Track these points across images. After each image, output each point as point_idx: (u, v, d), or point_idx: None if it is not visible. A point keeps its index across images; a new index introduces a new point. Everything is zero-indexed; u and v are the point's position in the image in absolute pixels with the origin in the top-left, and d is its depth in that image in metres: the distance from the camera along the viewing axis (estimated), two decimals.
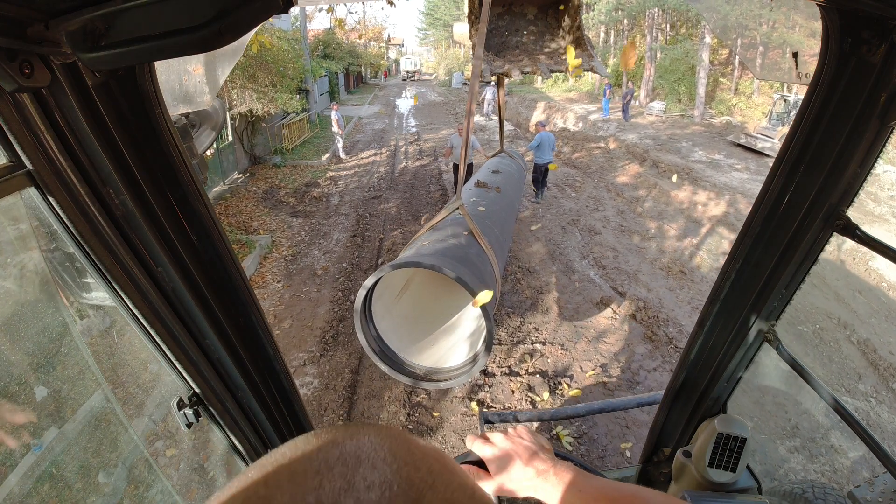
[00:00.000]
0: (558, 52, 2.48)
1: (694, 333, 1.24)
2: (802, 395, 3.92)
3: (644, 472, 1.56)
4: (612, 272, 7.05)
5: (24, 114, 0.61)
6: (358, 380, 4.89)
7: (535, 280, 6.79)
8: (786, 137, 0.90)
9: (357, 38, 34.20)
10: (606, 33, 26.85)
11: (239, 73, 9.97)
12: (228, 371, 1.07)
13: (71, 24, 0.54)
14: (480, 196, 3.21)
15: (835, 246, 7.29)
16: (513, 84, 30.21)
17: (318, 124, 17.97)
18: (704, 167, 11.79)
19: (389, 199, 10.46)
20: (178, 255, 0.87)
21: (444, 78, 43.65)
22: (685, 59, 19.56)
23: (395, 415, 4.41)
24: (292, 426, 1.30)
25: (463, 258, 1.95)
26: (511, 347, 5.30)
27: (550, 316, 5.91)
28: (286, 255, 7.83)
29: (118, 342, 2.80)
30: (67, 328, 2.27)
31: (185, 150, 0.80)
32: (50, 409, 2.42)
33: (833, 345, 5.37)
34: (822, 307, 6.07)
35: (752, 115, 17.48)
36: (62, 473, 2.13)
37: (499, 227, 2.90)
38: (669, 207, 9.73)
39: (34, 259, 1.82)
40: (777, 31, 0.99)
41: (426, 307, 2.60)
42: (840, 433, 3.86)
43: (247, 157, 12.70)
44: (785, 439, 3.65)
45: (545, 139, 9.12)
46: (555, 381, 4.76)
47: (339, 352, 5.33)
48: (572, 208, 9.69)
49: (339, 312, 6.11)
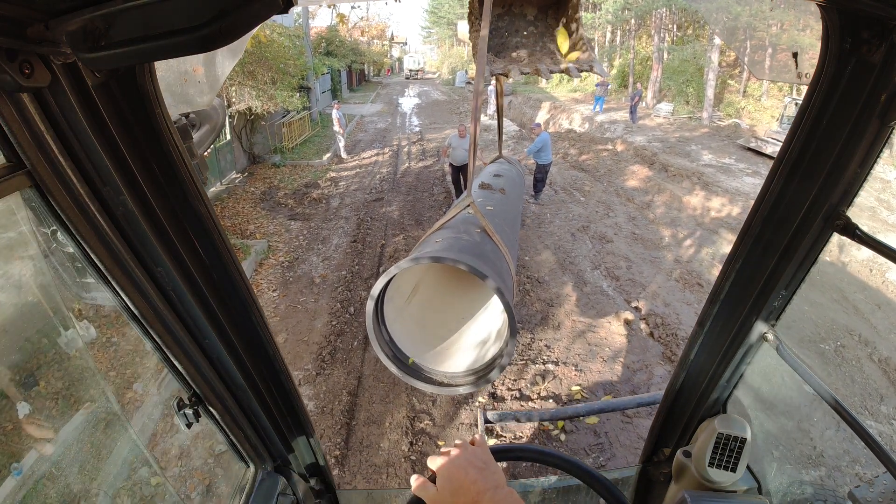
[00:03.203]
0: (558, 52, 2.48)
1: (694, 333, 1.24)
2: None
3: (644, 472, 1.56)
4: (626, 284, 6.70)
5: (24, 114, 0.61)
6: (357, 403, 4.59)
7: (544, 292, 6.48)
8: (786, 137, 0.90)
9: (360, 35, 34.17)
10: (613, 33, 26.61)
11: (237, 70, 9.84)
12: (228, 371, 1.07)
13: (71, 24, 0.54)
14: (487, 197, 3.21)
15: (852, 257, 6.98)
16: (517, 84, 30.19)
17: (320, 122, 17.89)
18: (715, 171, 11.53)
19: (392, 201, 10.21)
20: (178, 255, 0.87)
21: (447, 76, 43.56)
22: (693, 60, 19.40)
23: (396, 444, 4.10)
24: (292, 426, 1.30)
25: (480, 254, 1.93)
26: (522, 368, 4.96)
27: (562, 332, 5.60)
28: (283, 262, 7.56)
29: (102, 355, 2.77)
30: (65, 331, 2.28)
31: (185, 150, 0.80)
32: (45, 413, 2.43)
33: (855, 363, 5.13)
34: (843, 322, 5.78)
35: (760, 117, 17.35)
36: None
37: (509, 226, 2.89)
38: (682, 214, 9.43)
39: (34, 259, 1.82)
40: (779, 32, 0.99)
41: (438, 309, 2.56)
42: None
43: (245, 156, 12.55)
44: (789, 441, 3.62)
45: (546, 140, 9.15)
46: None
47: (336, 371, 5.01)
48: (581, 214, 9.35)
49: (336, 326, 5.79)
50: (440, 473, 0.76)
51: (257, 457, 1.27)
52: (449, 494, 0.74)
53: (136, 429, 3.51)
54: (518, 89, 28.39)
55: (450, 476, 0.75)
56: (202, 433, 3.65)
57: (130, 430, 3.37)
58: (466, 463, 0.76)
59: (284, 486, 1.29)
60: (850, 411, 0.94)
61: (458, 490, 0.73)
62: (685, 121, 18.00)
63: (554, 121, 20.66)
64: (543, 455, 1.02)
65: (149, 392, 3.98)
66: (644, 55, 23.49)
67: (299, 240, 8.40)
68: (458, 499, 0.72)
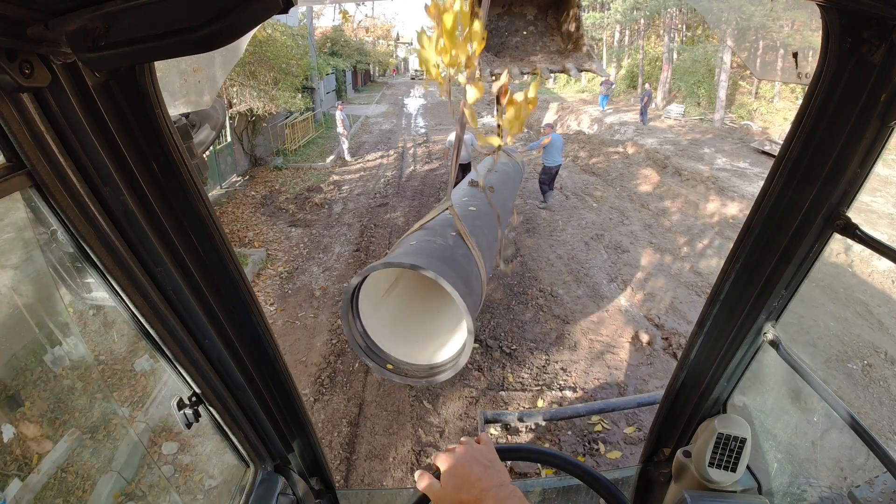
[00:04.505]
0: (559, 52, 2.48)
1: (694, 333, 1.24)
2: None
3: (644, 472, 1.56)
4: (647, 299, 6.34)
5: (24, 114, 0.61)
6: (358, 434, 4.21)
7: (559, 307, 6.08)
8: (786, 137, 0.90)
9: (364, 35, 34.10)
10: (621, 33, 26.38)
11: (238, 71, 9.70)
12: (228, 371, 1.07)
13: (71, 24, 0.54)
14: (472, 196, 3.22)
15: (873, 268, 6.60)
16: (523, 85, 30.04)
17: (324, 123, 17.69)
18: (730, 175, 11.07)
19: (396, 207, 9.74)
20: (178, 255, 0.87)
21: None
22: (704, 60, 19.09)
23: (401, 481, 3.78)
24: (292, 426, 1.30)
25: (449, 259, 1.96)
26: (536, 394, 4.58)
27: (579, 353, 5.22)
28: (282, 273, 7.21)
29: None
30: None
31: (185, 150, 0.80)
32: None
33: (882, 384, 4.83)
34: (868, 339, 5.46)
35: (773, 119, 17.01)
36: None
37: (490, 227, 2.92)
38: (699, 221, 9.00)
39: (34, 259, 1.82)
40: (779, 31, 0.98)
41: (414, 306, 2.61)
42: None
43: (246, 158, 12.36)
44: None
45: (555, 141, 8.91)
46: (589, 439, 4.12)
47: (336, 397, 4.66)
48: (595, 221, 8.91)
49: (337, 345, 5.43)
50: (445, 470, 0.77)
51: (257, 457, 1.27)
52: (453, 491, 0.74)
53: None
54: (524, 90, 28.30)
55: (455, 472, 0.75)
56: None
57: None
58: (472, 460, 0.76)
59: (284, 486, 1.30)
60: (850, 411, 0.94)
61: (462, 486, 0.73)
62: (696, 122, 17.72)
63: (562, 122, 20.38)
64: (546, 456, 1.04)
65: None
66: (653, 55, 23.32)
67: (299, 248, 8.08)
68: (462, 495, 0.72)
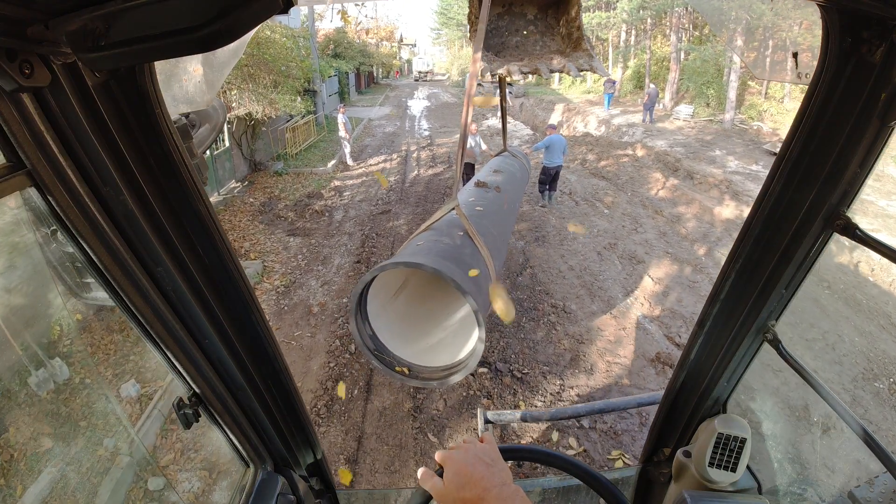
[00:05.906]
0: (559, 52, 2.49)
1: (694, 333, 1.24)
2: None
3: (644, 472, 1.56)
4: (666, 316, 5.91)
5: (24, 114, 0.61)
6: (356, 472, 3.93)
7: (573, 325, 5.75)
8: (786, 137, 0.90)
9: (366, 35, 34.06)
10: (627, 33, 26.24)
11: (236, 74, 9.58)
12: (228, 371, 1.07)
13: (71, 24, 0.54)
14: (479, 196, 3.23)
15: (890, 274, 6.34)
16: (528, 85, 30.05)
17: (326, 127, 17.49)
18: (744, 179, 10.64)
19: (399, 214, 9.39)
20: (178, 255, 0.87)
21: (457, 78, 43.47)
22: (713, 60, 18.77)
23: None
24: (292, 426, 1.30)
25: (456, 258, 1.96)
26: (550, 427, 4.19)
27: (596, 378, 4.88)
28: (278, 287, 6.89)
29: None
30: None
31: (185, 150, 0.80)
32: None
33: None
34: (892, 353, 5.23)
35: (783, 120, 16.77)
36: None
37: (497, 227, 2.92)
38: (715, 228, 8.64)
39: (34, 259, 1.82)
40: (780, 31, 0.98)
41: (423, 306, 2.61)
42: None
43: (246, 163, 12.11)
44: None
45: (555, 142, 8.93)
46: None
47: (332, 429, 4.32)
48: (607, 228, 8.56)
49: (335, 369, 5.10)
50: (448, 468, 0.77)
51: (257, 457, 1.27)
52: (455, 489, 0.74)
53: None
54: (530, 91, 28.15)
55: (458, 471, 0.76)
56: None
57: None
58: (475, 459, 0.76)
59: (284, 486, 1.29)
60: (850, 411, 0.94)
61: (465, 485, 0.73)
62: (706, 124, 17.49)
63: (568, 123, 20.15)
64: (547, 456, 1.06)
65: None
66: (660, 55, 23.17)
67: (297, 259, 7.73)
68: (464, 493, 0.73)
